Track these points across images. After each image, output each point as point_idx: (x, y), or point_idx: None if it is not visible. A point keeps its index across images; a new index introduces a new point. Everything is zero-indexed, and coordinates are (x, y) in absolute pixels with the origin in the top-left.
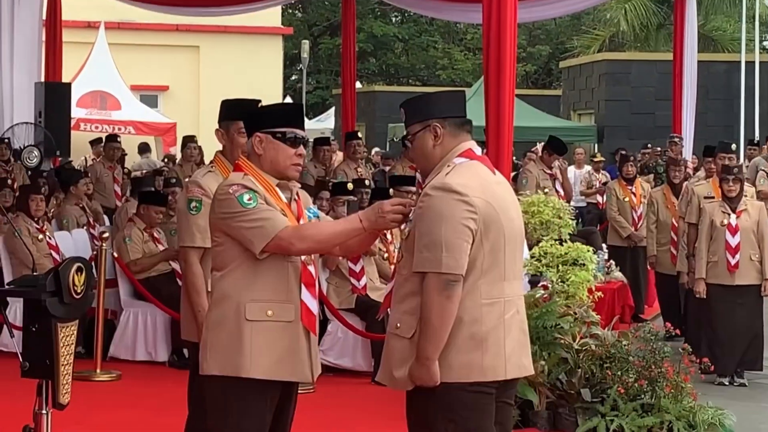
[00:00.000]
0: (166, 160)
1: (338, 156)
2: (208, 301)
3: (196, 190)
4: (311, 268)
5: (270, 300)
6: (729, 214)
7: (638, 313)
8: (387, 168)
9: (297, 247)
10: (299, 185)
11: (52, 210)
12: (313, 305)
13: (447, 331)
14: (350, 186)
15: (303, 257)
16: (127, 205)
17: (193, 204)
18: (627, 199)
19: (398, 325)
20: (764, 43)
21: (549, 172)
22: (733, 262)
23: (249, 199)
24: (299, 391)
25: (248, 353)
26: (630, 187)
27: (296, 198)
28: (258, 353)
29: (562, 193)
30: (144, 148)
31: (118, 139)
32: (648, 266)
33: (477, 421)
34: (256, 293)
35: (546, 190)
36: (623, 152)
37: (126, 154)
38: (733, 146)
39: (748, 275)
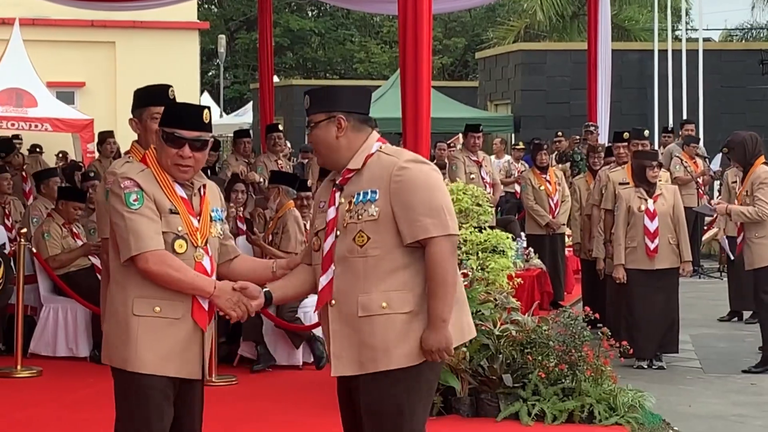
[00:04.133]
0: (60, 155)
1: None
2: None
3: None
4: (206, 263)
5: (157, 296)
6: (646, 200)
7: (557, 300)
8: (306, 161)
9: (151, 272)
10: (206, 181)
11: None
12: (205, 301)
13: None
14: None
15: (195, 252)
16: (36, 202)
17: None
18: (542, 187)
19: (385, 304)
20: (676, 32)
21: (474, 158)
22: (652, 246)
23: (135, 200)
24: (220, 384)
25: (134, 348)
26: (544, 176)
27: (201, 194)
28: (143, 348)
29: (488, 179)
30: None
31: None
32: (572, 253)
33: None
34: (145, 289)
35: (472, 176)
36: (537, 141)
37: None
38: (646, 132)
39: (667, 259)
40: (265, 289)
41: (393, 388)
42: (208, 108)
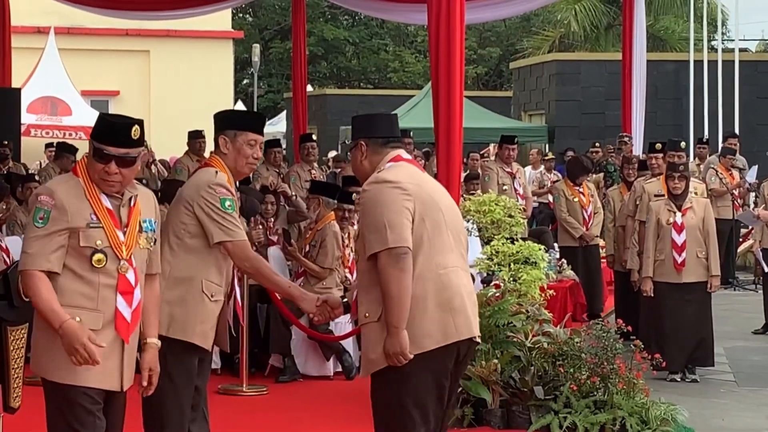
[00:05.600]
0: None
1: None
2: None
3: (224, 191)
4: (129, 276)
5: (79, 306)
6: (675, 212)
7: (596, 312)
8: (338, 170)
9: (25, 287)
10: (138, 191)
11: (2, 215)
12: (128, 313)
13: (407, 299)
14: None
15: (119, 265)
16: None
17: (228, 203)
18: (576, 199)
19: (367, 314)
20: (712, 42)
21: (508, 170)
22: (679, 260)
23: (41, 218)
24: (251, 394)
25: (53, 358)
26: (578, 187)
27: (131, 205)
28: (63, 359)
29: (521, 191)
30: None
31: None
32: (605, 264)
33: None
34: (66, 298)
35: (505, 187)
36: (572, 153)
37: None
38: (683, 144)
39: (695, 272)
40: (344, 300)
41: (378, 388)
42: (139, 123)
